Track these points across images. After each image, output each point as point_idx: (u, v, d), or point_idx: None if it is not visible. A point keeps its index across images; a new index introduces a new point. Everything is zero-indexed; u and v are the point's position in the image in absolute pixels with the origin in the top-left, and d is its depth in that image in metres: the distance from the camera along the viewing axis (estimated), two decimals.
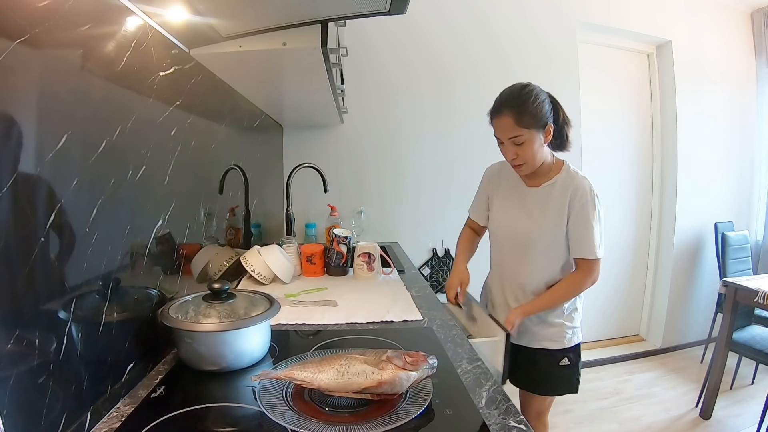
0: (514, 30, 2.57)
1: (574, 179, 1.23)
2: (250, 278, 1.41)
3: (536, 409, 1.36)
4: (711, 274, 2.93)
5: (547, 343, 1.29)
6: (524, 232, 1.27)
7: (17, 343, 0.48)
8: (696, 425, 2.13)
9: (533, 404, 1.36)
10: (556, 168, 1.27)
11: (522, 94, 1.17)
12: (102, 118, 0.67)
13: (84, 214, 0.62)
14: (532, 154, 1.19)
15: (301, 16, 0.91)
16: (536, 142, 1.17)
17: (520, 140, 1.16)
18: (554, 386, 1.33)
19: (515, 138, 1.17)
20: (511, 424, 0.64)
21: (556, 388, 1.33)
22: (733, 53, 3.02)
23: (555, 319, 1.28)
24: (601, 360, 2.81)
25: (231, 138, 1.45)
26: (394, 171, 2.52)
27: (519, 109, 1.15)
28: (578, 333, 1.32)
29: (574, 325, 1.30)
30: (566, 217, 1.22)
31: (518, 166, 1.23)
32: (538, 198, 1.26)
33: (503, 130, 1.18)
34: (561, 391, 1.33)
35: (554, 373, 1.30)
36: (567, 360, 1.30)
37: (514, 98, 1.17)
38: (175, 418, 0.64)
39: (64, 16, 0.57)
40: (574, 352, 1.31)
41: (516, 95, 1.17)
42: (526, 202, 1.28)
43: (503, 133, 1.19)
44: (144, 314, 0.82)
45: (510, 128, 1.16)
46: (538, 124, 1.16)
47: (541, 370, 1.31)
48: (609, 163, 2.91)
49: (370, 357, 0.68)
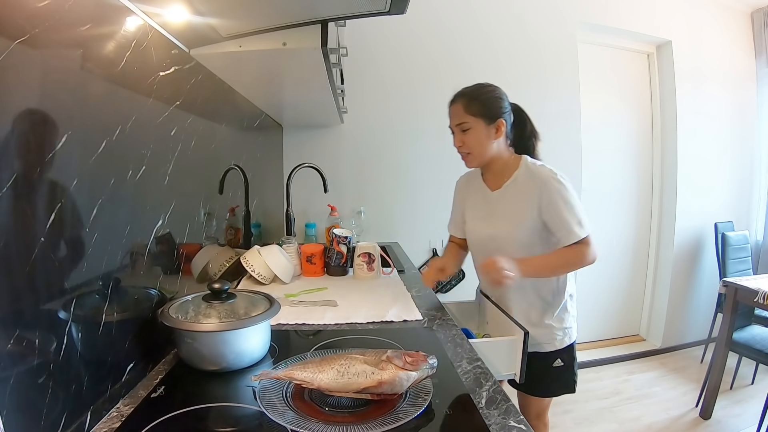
0: (515, 30, 2.57)
1: (534, 173, 1.21)
2: (250, 278, 1.41)
3: (535, 410, 1.36)
4: (711, 274, 2.93)
5: (537, 346, 1.27)
6: (498, 236, 1.25)
7: (17, 343, 0.48)
8: (696, 425, 2.13)
9: (532, 405, 1.36)
10: (514, 165, 1.25)
11: (479, 87, 1.23)
12: (102, 118, 0.67)
13: (84, 214, 0.62)
14: (477, 144, 1.21)
15: (301, 16, 0.91)
16: (482, 133, 1.20)
17: (466, 126, 1.21)
18: (550, 387, 1.32)
19: (462, 124, 1.21)
20: (511, 424, 0.64)
21: (552, 390, 1.33)
22: (733, 53, 3.02)
23: (544, 321, 1.27)
24: (601, 360, 2.81)
25: (231, 138, 1.45)
26: (394, 171, 2.52)
27: (470, 98, 1.21)
28: (570, 334, 1.30)
29: (564, 326, 1.28)
30: (537, 212, 1.19)
31: (466, 157, 1.26)
32: (502, 199, 1.26)
33: (452, 116, 1.24)
34: (558, 392, 1.33)
35: (548, 374, 1.29)
36: (560, 361, 1.28)
37: (471, 90, 1.23)
38: (175, 418, 0.64)
39: (64, 16, 0.57)
40: (568, 353, 1.29)
41: (473, 88, 1.23)
42: (492, 206, 1.28)
43: (452, 120, 1.24)
44: (144, 314, 0.82)
45: (458, 114, 1.22)
46: (486, 114, 1.19)
47: (535, 372, 1.29)
48: (609, 163, 2.92)
49: (370, 357, 0.68)
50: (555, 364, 1.28)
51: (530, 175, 1.21)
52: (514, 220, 1.22)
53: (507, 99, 1.24)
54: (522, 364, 1.13)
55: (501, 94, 1.23)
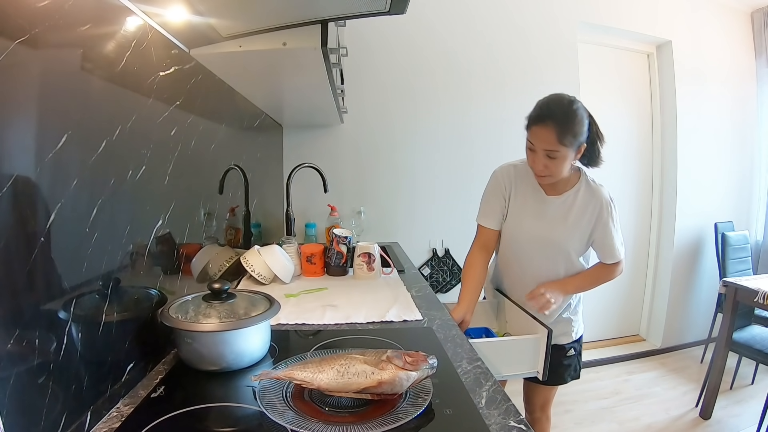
0: (515, 30, 2.57)
1: (595, 191, 1.26)
2: (250, 278, 1.41)
3: (541, 399, 1.43)
4: (711, 274, 2.93)
5: (555, 339, 1.31)
6: (549, 240, 1.28)
7: (17, 343, 0.48)
8: (696, 425, 2.13)
9: (539, 395, 1.42)
10: (574, 177, 1.29)
11: (570, 110, 1.15)
12: (102, 118, 0.67)
13: (84, 214, 0.62)
14: (561, 171, 1.19)
15: (301, 16, 0.91)
16: (569, 159, 1.18)
17: (556, 155, 1.15)
18: (561, 375, 1.38)
19: (551, 152, 1.15)
20: (511, 424, 0.64)
21: (564, 377, 1.39)
22: (733, 53, 3.02)
23: (564, 315, 1.34)
24: (601, 360, 2.81)
25: (231, 138, 1.45)
26: (394, 171, 2.52)
27: (564, 126, 1.13)
28: (582, 324, 1.40)
29: (578, 318, 1.38)
30: (592, 228, 1.26)
31: (544, 178, 1.23)
32: (560, 207, 1.28)
33: (542, 140, 1.15)
34: (567, 379, 1.39)
35: (562, 363, 1.36)
36: (573, 350, 1.38)
37: (563, 112, 1.14)
38: (175, 418, 0.64)
39: (64, 16, 0.57)
40: (578, 342, 1.39)
41: (564, 110, 1.15)
42: (547, 210, 1.29)
43: (541, 144, 1.16)
44: (144, 314, 0.82)
45: (550, 141, 1.14)
46: (576, 143, 1.16)
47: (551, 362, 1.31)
48: (609, 163, 2.86)
49: (370, 357, 0.68)
50: (569, 353, 1.37)
51: (591, 192, 1.26)
52: (569, 229, 1.27)
53: (587, 115, 1.20)
54: (546, 362, 1.17)
55: (586, 115, 1.18)
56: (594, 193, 1.26)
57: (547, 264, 1.31)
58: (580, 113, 1.16)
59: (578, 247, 1.29)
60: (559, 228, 1.27)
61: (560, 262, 1.30)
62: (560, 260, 1.29)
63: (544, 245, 1.29)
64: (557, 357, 1.33)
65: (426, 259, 2.57)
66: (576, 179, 1.29)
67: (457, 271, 2.58)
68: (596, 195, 1.26)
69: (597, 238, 1.27)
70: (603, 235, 1.26)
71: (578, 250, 1.29)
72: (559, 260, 1.29)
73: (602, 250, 1.29)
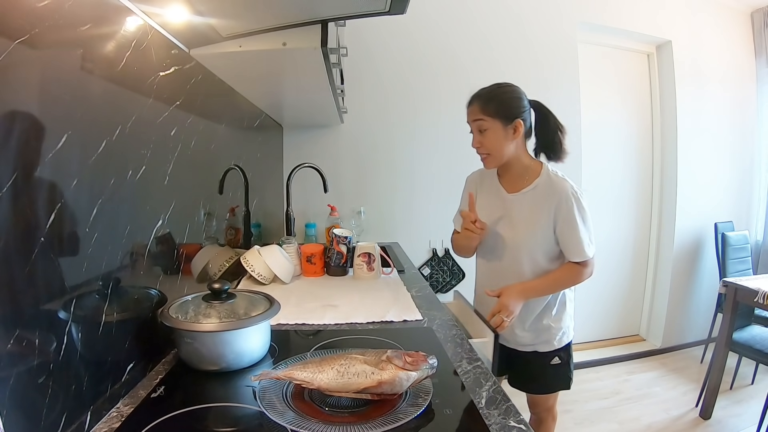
0: (515, 30, 2.57)
1: (556, 184, 1.21)
2: (250, 278, 1.41)
3: (543, 405, 1.39)
4: (711, 274, 2.93)
5: (535, 346, 1.30)
6: (509, 238, 1.26)
7: (17, 343, 0.48)
8: (696, 425, 2.13)
9: (540, 402, 1.38)
10: (534, 171, 1.25)
11: (494, 88, 1.21)
12: (102, 118, 0.67)
13: (84, 214, 0.62)
14: (495, 145, 1.20)
15: (301, 16, 0.91)
16: (500, 133, 1.19)
17: (483, 126, 1.20)
18: (547, 384, 1.34)
19: (479, 124, 1.20)
20: (511, 424, 0.64)
21: (549, 386, 1.35)
22: (733, 53, 3.02)
23: (542, 322, 1.28)
24: (601, 360, 2.81)
25: (231, 138, 1.45)
26: (394, 171, 2.52)
27: (486, 99, 1.20)
28: (569, 332, 1.32)
29: (562, 326, 1.29)
30: (552, 223, 1.20)
31: (485, 158, 1.25)
32: (519, 204, 1.25)
33: (469, 117, 1.23)
34: (554, 388, 1.35)
35: (546, 372, 1.31)
36: (558, 359, 1.30)
37: (486, 91, 1.22)
38: (175, 418, 0.64)
39: (64, 16, 0.57)
40: (565, 351, 1.31)
41: (489, 89, 1.22)
42: (507, 208, 1.27)
43: (470, 119, 1.23)
44: (144, 314, 0.82)
45: (475, 113, 1.21)
46: (503, 113, 1.18)
47: (533, 369, 1.32)
48: (609, 163, 2.91)
49: (370, 357, 0.68)
50: (553, 362, 1.30)
51: (551, 185, 1.22)
52: (529, 227, 1.23)
53: (526, 98, 1.23)
54: (494, 363, 1.15)
55: (519, 93, 1.22)
56: (554, 187, 1.21)
57: (511, 265, 1.26)
58: (509, 89, 1.21)
59: (543, 246, 1.23)
60: (519, 226, 1.24)
61: (524, 262, 1.24)
62: (524, 260, 1.24)
63: (506, 245, 1.26)
64: (539, 365, 1.30)
65: (426, 259, 2.57)
66: (536, 175, 1.24)
67: (457, 271, 2.58)
68: (556, 188, 1.20)
69: (560, 234, 1.21)
70: (565, 231, 1.19)
71: (544, 249, 1.23)
72: (522, 260, 1.24)
73: (566, 247, 1.21)
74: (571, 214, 1.18)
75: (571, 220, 1.18)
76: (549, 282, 1.24)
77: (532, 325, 1.29)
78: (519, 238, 1.24)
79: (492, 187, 1.32)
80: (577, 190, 1.20)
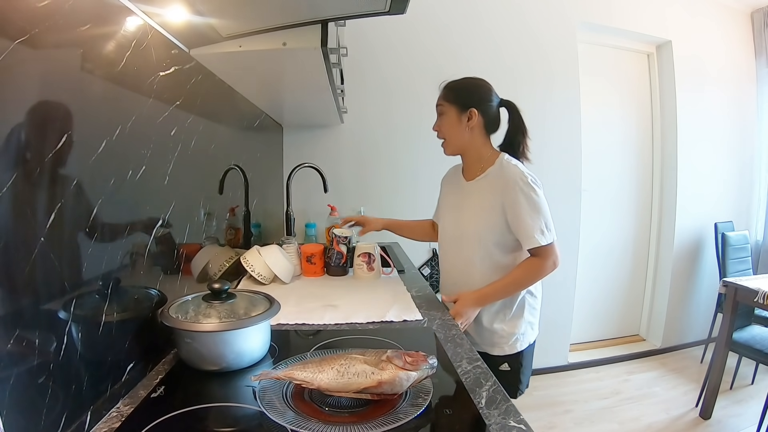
0: (514, 30, 2.57)
1: (504, 170, 1.19)
2: (250, 278, 1.41)
3: None
4: (711, 274, 2.93)
5: (485, 347, 1.26)
6: (461, 230, 1.26)
7: (17, 343, 0.48)
8: (696, 425, 2.13)
9: None
10: (489, 160, 1.24)
11: (462, 78, 1.26)
12: (102, 118, 0.67)
13: (84, 214, 0.62)
14: (449, 130, 1.25)
15: (301, 16, 0.91)
16: (454, 119, 1.23)
17: (440, 111, 1.25)
18: None
19: (439, 107, 1.26)
20: (511, 424, 0.64)
21: None
22: (733, 53, 3.02)
23: (493, 325, 1.24)
24: (601, 360, 2.81)
25: (231, 138, 1.45)
26: (394, 171, 2.52)
27: (451, 86, 1.25)
28: (524, 340, 1.26)
29: (515, 332, 1.24)
30: (501, 210, 1.17)
31: (443, 145, 1.29)
32: (470, 192, 1.27)
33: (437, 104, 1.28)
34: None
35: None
36: (507, 366, 1.25)
37: (455, 80, 1.26)
38: (175, 418, 0.64)
39: (64, 16, 0.57)
40: (516, 359, 1.25)
41: (453, 80, 1.26)
42: (461, 196, 1.30)
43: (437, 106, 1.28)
44: (144, 314, 0.82)
45: (439, 99, 1.26)
46: (459, 101, 1.22)
47: None
48: (609, 162, 2.91)
49: (370, 357, 0.68)
50: (501, 367, 1.25)
51: (500, 172, 1.20)
52: (476, 213, 1.23)
53: (492, 93, 1.25)
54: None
55: (481, 85, 1.25)
56: (502, 172, 1.18)
57: (461, 252, 1.25)
58: (471, 82, 1.25)
59: (493, 235, 1.19)
60: (466, 213, 1.24)
61: (474, 249, 1.22)
62: (474, 248, 1.22)
63: (458, 236, 1.26)
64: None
65: (426, 259, 2.57)
66: (490, 163, 1.23)
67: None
68: (503, 173, 1.18)
69: (510, 221, 1.17)
70: (513, 216, 1.15)
71: (495, 239, 1.20)
72: (473, 248, 1.22)
73: (518, 235, 1.17)
74: (517, 198, 1.14)
75: (516, 205, 1.15)
76: (507, 284, 1.19)
77: (480, 326, 1.25)
78: (467, 224, 1.25)
79: (455, 177, 1.36)
80: (527, 176, 1.16)
